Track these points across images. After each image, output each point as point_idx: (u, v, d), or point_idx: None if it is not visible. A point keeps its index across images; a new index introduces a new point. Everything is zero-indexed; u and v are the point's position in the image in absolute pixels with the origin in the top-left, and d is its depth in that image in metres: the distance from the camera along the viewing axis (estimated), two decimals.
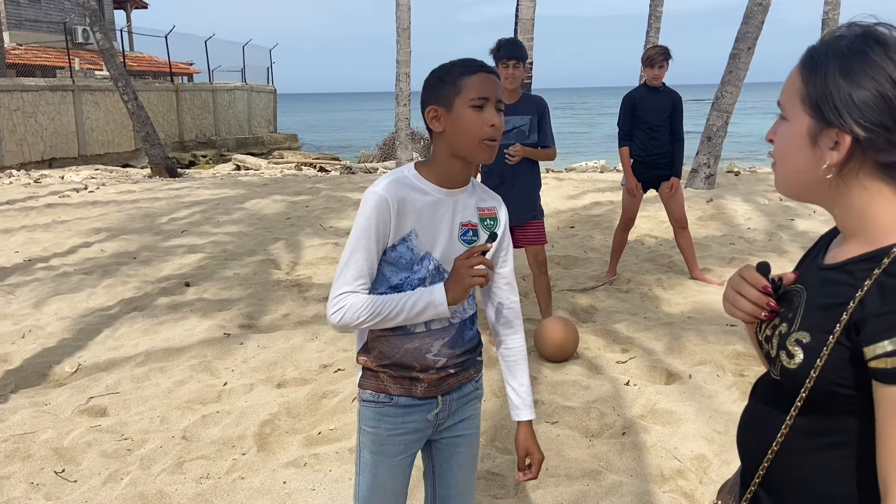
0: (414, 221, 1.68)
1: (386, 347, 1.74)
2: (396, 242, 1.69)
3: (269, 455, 3.29)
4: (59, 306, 5.61)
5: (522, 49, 4.22)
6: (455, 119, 1.65)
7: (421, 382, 1.75)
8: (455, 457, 1.89)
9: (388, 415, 1.78)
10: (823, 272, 1.09)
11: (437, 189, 1.70)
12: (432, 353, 1.74)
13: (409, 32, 14.27)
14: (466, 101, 1.64)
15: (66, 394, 3.98)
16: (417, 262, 1.71)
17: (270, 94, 31.92)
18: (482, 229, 1.76)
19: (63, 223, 9.10)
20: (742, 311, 1.15)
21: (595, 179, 12.59)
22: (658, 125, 5.58)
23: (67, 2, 27.38)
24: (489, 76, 1.67)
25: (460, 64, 1.69)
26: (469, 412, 1.88)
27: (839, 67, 1.01)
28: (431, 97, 1.69)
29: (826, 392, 1.02)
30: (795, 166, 1.08)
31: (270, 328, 5.02)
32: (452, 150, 1.68)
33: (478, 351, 1.87)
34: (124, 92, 15.15)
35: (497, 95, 1.67)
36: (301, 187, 12.40)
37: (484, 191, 1.82)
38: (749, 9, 10.39)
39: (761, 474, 1.13)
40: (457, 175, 1.72)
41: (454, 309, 1.73)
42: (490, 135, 1.65)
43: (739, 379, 3.93)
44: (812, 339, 1.04)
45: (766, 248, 6.99)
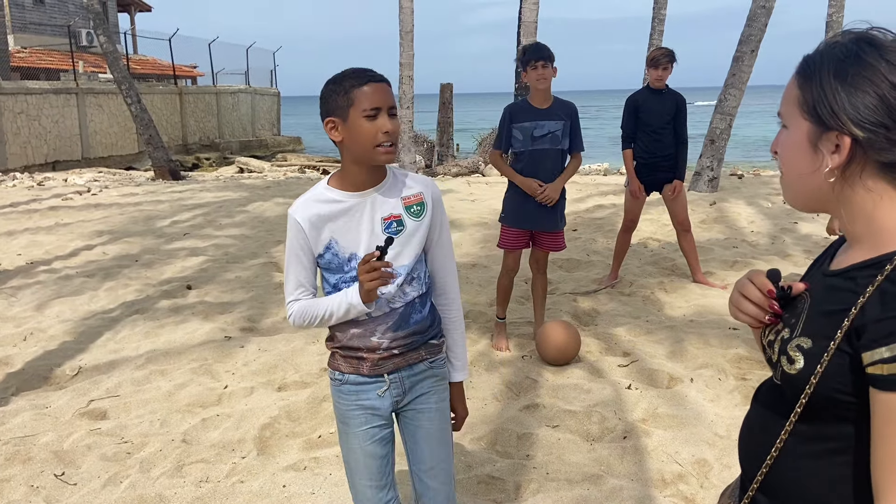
0: (331, 231, 1.86)
1: (338, 333, 1.95)
2: (322, 251, 1.88)
3: (269, 458, 3.28)
4: (61, 309, 5.61)
5: (549, 49, 4.21)
6: (351, 129, 1.78)
7: (366, 361, 1.93)
8: (418, 430, 2.02)
9: (343, 392, 1.97)
10: (828, 278, 1.09)
11: (348, 195, 1.86)
12: (376, 336, 1.91)
13: (412, 35, 14.28)
14: (360, 111, 1.75)
15: (66, 396, 3.98)
16: (345, 263, 1.87)
17: (274, 96, 31.98)
18: (408, 217, 1.88)
19: (66, 226, 9.11)
20: (746, 313, 1.16)
21: (598, 182, 12.58)
22: (661, 127, 5.56)
23: (72, 5, 27.48)
24: (380, 85, 1.78)
25: (351, 75, 1.79)
26: (426, 389, 2.00)
27: (834, 72, 1.02)
28: (328, 109, 1.81)
29: (826, 398, 1.02)
30: (799, 172, 1.09)
31: (271, 331, 5.02)
32: (353, 156, 1.82)
33: (430, 333, 1.99)
34: (128, 95, 15.18)
35: (389, 103, 1.78)
36: (304, 190, 12.34)
37: (409, 178, 1.93)
38: (752, 11, 10.37)
39: (759, 479, 1.13)
40: (364, 178, 1.85)
41: (392, 293, 1.88)
42: (384, 140, 1.77)
43: (741, 383, 3.92)
44: (813, 344, 1.04)
45: (770, 251, 6.97)
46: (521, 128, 4.22)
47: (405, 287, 1.90)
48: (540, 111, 4.21)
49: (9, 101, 17.84)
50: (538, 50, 4.19)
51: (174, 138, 23.62)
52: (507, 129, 4.27)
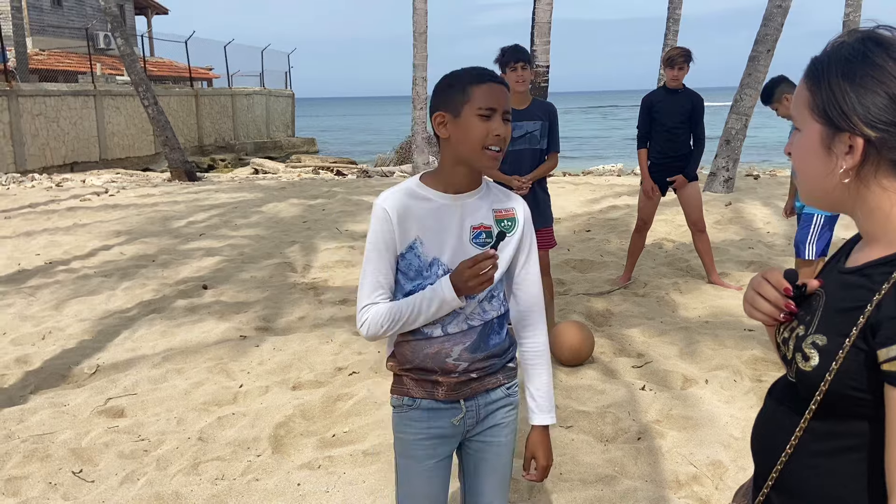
0: (418, 229, 1.72)
1: (408, 352, 1.78)
2: (404, 251, 1.74)
3: (284, 457, 3.30)
4: (79, 308, 5.68)
5: (527, 52, 4.33)
6: (461, 126, 1.68)
7: (441, 386, 1.76)
8: (482, 464, 1.87)
9: (413, 419, 1.80)
10: (843, 276, 1.09)
11: (440, 195, 1.74)
12: (452, 357, 1.75)
13: (426, 37, 14.31)
14: (474, 109, 1.66)
15: (84, 395, 4.03)
16: (426, 268, 1.74)
17: (288, 98, 32.14)
18: (498, 230, 1.75)
19: (84, 226, 9.21)
20: (760, 311, 1.16)
21: (612, 183, 12.54)
22: (675, 127, 5.54)
23: (89, 8, 27.77)
24: (499, 87, 1.69)
25: (471, 72, 1.71)
26: (499, 419, 1.85)
27: (842, 72, 1.02)
28: (440, 103, 1.72)
29: (841, 395, 1.02)
30: (814, 174, 1.09)
31: (286, 331, 5.05)
32: (456, 156, 1.71)
33: (507, 356, 1.84)
34: (145, 97, 15.33)
35: (505, 106, 1.69)
36: (318, 191, 12.46)
37: (501, 192, 1.83)
38: (769, 11, 10.31)
39: (774, 477, 1.13)
40: (462, 180, 1.74)
41: (472, 308, 1.75)
42: (494, 143, 1.67)
43: (757, 384, 3.89)
44: (828, 341, 1.04)
45: (786, 252, 6.92)
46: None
47: (484, 304, 1.77)
48: (518, 112, 4.27)
49: (28, 103, 18.04)
50: (516, 52, 4.24)
51: (190, 140, 23.79)
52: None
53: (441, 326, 1.75)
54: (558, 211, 9.20)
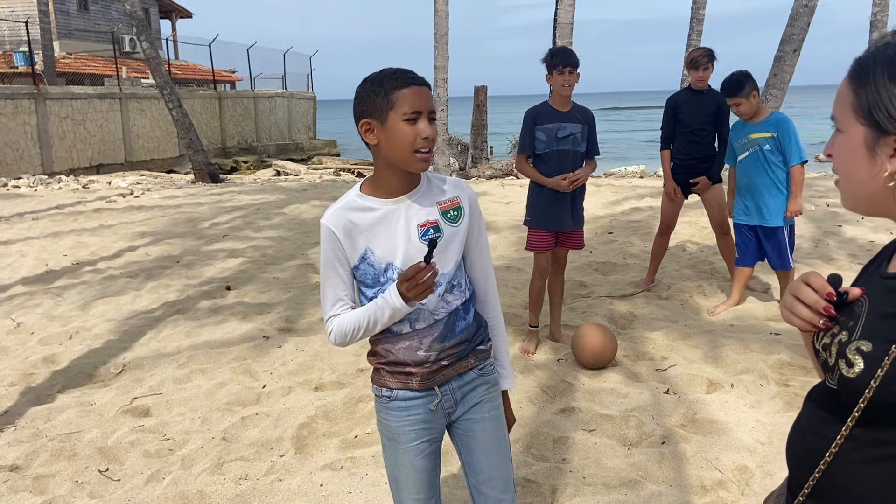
0: (366, 239, 1.78)
1: (381, 350, 1.88)
2: (357, 262, 1.81)
3: (307, 457, 3.32)
4: (105, 308, 5.75)
5: (576, 56, 4.31)
6: (389, 132, 1.70)
7: (415, 376, 1.85)
8: (473, 441, 1.94)
9: (392, 409, 1.89)
10: (887, 281, 1.07)
11: (382, 202, 1.78)
12: (423, 350, 1.83)
13: (447, 38, 14.32)
14: (400, 114, 1.68)
15: (110, 394, 4.08)
16: (381, 274, 1.80)
17: (310, 100, 32.33)
18: (445, 222, 1.81)
19: (109, 227, 9.34)
20: (799, 317, 1.12)
21: (635, 185, 12.45)
22: (700, 129, 5.48)
23: (115, 12, 28.15)
24: (422, 88, 1.70)
25: (391, 76, 1.71)
26: (478, 398, 1.93)
27: (889, 74, 1.00)
28: (364, 110, 1.72)
29: (885, 403, 1.00)
30: (857, 178, 1.07)
31: (308, 331, 5.07)
32: (388, 161, 1.75)
33: (476, 339, 1.92)
34: (169, 99, 15.50)
35: (429, 107, 1.71)
36: (339, 192, 12.51)
37: (445, 183, 1.86)
38: (795, 10, 10.18)
39: (811, 484, 1.11)
40: (398, 184, 1.78)
41: (433, 303, 1.81)
42: (423, 146, 1.70)
43: (783, 389, 3.84)
44: (874, 347, 1.02)
45: (812, 255, 6.82)
46: (544, 129, 4.30)
47: (447, 296, 1.83)
48: (562, 114, 4.31)
49: (55, 105, 18.34)
50: (568, 56, 4.25)
51: (213, 142, 24.03)
52: (530, 132, 4.35)
53: (409, 323, 1.83)
54: None
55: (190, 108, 19.96)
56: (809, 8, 10.08)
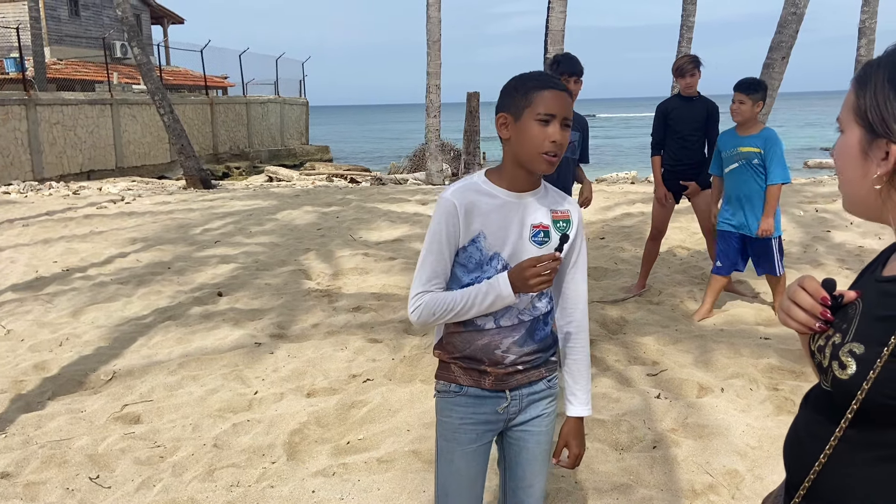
0: (481, 223, 1.79)
1: (458, 342, 1.86)
2: (466, 244, 1.80)
3: (299, 464, 3.31)
4: (96, 315, 5.73)
5: (581, 64, 4.31)
6: (520, 129, 1.74)
7: (489, 376, 1.85)
8: (523, 452, 1.95)
9: (459, 404, 1.88)
10: (881, 284, 1.08)
11: (505, 192, 1.80)
12: (501, 349, 1.83)
13: (440, 45, 14.36)
14: (534, 114, 1.72)
15: (101, 401, 4.06)
16: (486, 262, 1.81)
17: (302, 106, 32.33)
18: (554, 231, 1.83)
19: (100, 234, 9.30)
20: (796, 320, 1.14)
21: (626, 190, 12.50)
22: (690, 135, 5.52)
23: (106, 18, 28.11)
24: (561, 94, 1.74)
25: (536, 77, 1.77)
26: (540, 410, 1.93)
27: (888, 78, 1.02)
28: (503, 105, 1.78)
29: (878, 404, 1.01)
30: (850, 178, 1.09)
31: (300, 338, 5.07)
32: (515, 157, 1.78)
33: (551, 351, 1.93)
34: (160, 105, 15.47)
35: (564, 113, 1.73)
36: (332, 198, 12.52)
37: (558, 195, 1.90)
38: (783, 18, 10.26)
39: (807, 486, 1.12)
40: (523, 180, 1.81)
41: (524, 303, 1.82)
42: (550, 149, 1.72)
43: (773, 393, 3.86)
44: (866, 350, 1.02)
45: (802, 259, 6.86)
46: None
47: (535, 301, 1.85)
48: None
49: (45, 111, 18.28)
50: (573, 64, 4.26)
51: (205, 148, 23.99)
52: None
53: (494, 319, 1.82)
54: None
55: (181, 113, 19.92)
56: (797, 15, 10.17)
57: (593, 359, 4.46)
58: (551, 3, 11.91)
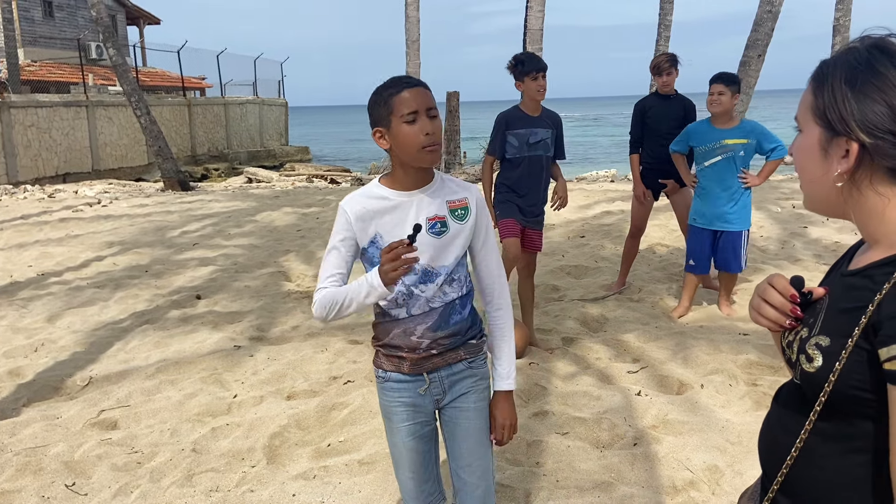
0: (377, 225, 1.91)
1: (380, 331, 2.01)
2: (366, 245, 1.93)
3: (279, 468, 3.28)
4: (72, 320, 5.64)
5: (543, 60, 4.38)
6: (395, 135, 1.84)
7: (405, 361, 1.98)
8: (457, 428, 2.06)
9: (387, 389, 2.04)
10: (845, 278, 1.10)
11: (396, 193, 1.91)
12: (416, 335, 1.95)
13: (419, 45, 14.35)
14: (399, 117, 1.81)
15: (77, 407, 4.00)
16: None
17: (282, 107, 32.14)
18: (452, 219, 1.93)
19: (76, 237, 9.18)
20: (766, 318, 1.16)
21: (606, 189, 12.56)
22: (668, 133, 5.55)
23: (81, 18, 27.74)
24: (415, 89, 1.83)
25: (389, 85, 1.86)
26: (465, 388, 2.04)
27: (845, 78, 1.03)
28: (373, 120, 1.89)
29: (845, 395, 1.03)
30: (811, 176, 1.10)
31: (280, 340, 5.03)
32: (401, 161, 1.89)
33: (469, 333, 2.02)
34: (137, 107, 15.30)
35: (426, 104, 1.82)
36: (312, 199, 12.45)
37: (455, 184, 1.99)
38: (759, 16, 10.36)
39: (780, 480, 1.13)
40: (412, 179, 1.91)
41: (432, 291, 1.92)
42: (426, 142, 1.82)
43: (752, 388, 3.89)
44: (831, 342, 1.04)
45: (779, 255, 6.93)
46: (516, 135, 4.33)
47: (445, 287, 1.94)
48: (534, 119, 4.36)
49: (19, 114, 18.00)
50: (537, 61, 4.31)
51: (183, 149, 23.75)
52: (502, 136, 4.37)
53: (406, 309, 1.94)
54: (552, 217, 9.20)
55: (159, 115, 19.71)
56: (773, 13, 10.27)
57: (574, 357, 4.48)
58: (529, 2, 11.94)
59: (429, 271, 1.92)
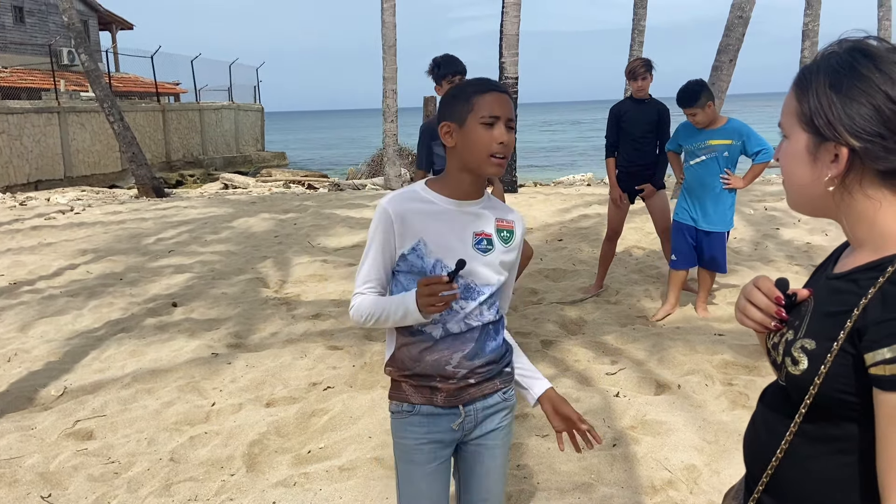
0: (421, 230, 1.77)
1: (407, 358, 1.83)
2: (406, 251, 1.79)
3: (258, 475, 3.26)
4: (45, 329, 5.56)
5: (462, 63, 4.22)
6: (466, 135, 1.74)
7: (440, 392, 1.81)
8: (478, 465, 1.92)
9: (413, 424, 1.85)
10: (831, 281, 1.11)
11: (445, 200, 1.80)
12: (452, 364, 1.80)
13: (395, 50, 14.35)
14: (478, 118, 1.72)
15: (52, 417, 3.94)
16: (430, 269, 1.78)
17: (258, 112, 31.96)
18: (498, 240, 1.83)
19: (49, 245, 9.04)
20: (751, 319, 1.17)
21: (583, 192, 12.65)
22: (643, 137, 5.61)
23: (53, 24, 27.37)
24: (501, 95, 1.74)
25: (475, 83, 1.78)
26: (496, 423, 1.90)
27: (829, 83, 1.04)
28: (446, 114, 1.78)
29: (830, 398, 1.03)
30: (800, 182, 1.11)
31: (259, 347, 5.00)
32: (462, 163, 1.77)
33: (503, 362, 1.90)
34: (110, 113, 15.12)
35: (508, 115, 1.74)
36: (289, 205, 12.38)
37: (504, 206, 1.92)
38: (730, 21, 10.52)
39: (765, 481, 1.14)
40: (467, 188, 1.80)
41: (472, 308, 1.80)
42: (498, 151, 1.73)
43: (728, 388, 3.94)
44: (817, 345, 1.05)
45: (753, 257, 7.03)
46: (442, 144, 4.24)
47: (483, 308, 1.82)
48: None
49: None
50: (454, 63, 4.15)
51: (157, 156, 23.52)
52: (427, 148, 4.22)
53: (441, 326, 1.79)
54: (530, 221, 9.25)
55: (132, 121, 19.50)
56: (743, 19, 10.43)
57: (553, 359, 4.50)
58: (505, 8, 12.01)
59: (471, 287, 1.80)
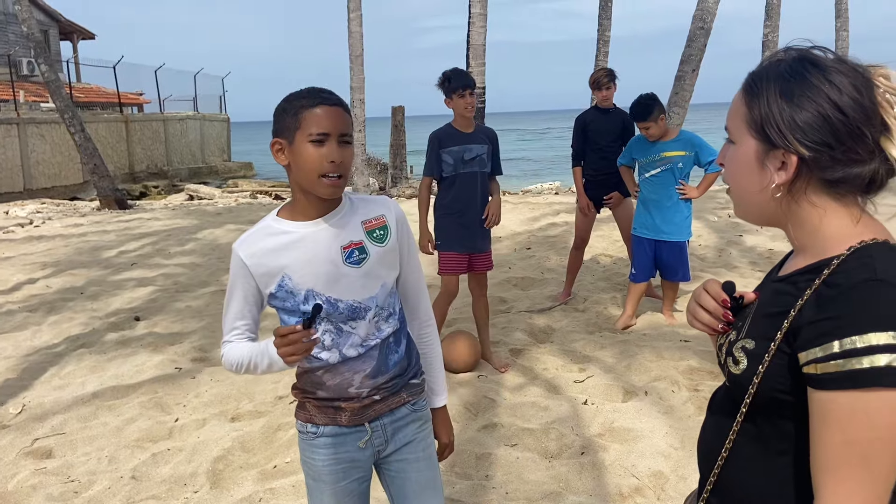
0: (281, 266, 1.67)
1: (310, 383, 1.77)
2: (273, 290, 1.69)
3: (223, 492, 3.20)
4: (3, 345, 5.40)
5: (471, 76, 4.38)
6: (296, 153, 1.61)
7: (345, 412, 1.76)
8: (407, 483, 1.85)
9: (318, 445, 1.78)
10: (773, 284, 1.13)
11: (299, 225, 1.68)
12: (354, 386, 1.74)
13: (362, 59, 14.32)
14: (305, 135, 1.58)
15: (9, 436, 3.83)
16: (302, 302, 1.68)
17: (224, 122, 31.61)
18: (371, 242, 1.71)
19: (7, 259, 8.81)
20: (700, 322, 1.19)
21: (551, 201, 12.73)
22: (608, 146, 5.67)
23: (12, 34, 26.79)
24: (333, 109, 1.60)
25: (304, 95, 1.62)
26: (411, 436, 1.84)
27: (780, 91, 1.05)
28: (276, 129, 1.65)
29: (769, 398, 1.05)
30: (747, 188, 1.11)
31: None
32: (298, 184, 1.66)
33: (410, 372, 1.83)
34: (71, 124, 14.83)
35: (340, 129, 1.60)
36: (256, 216, 12.25)
37: (367, 202, 1.77)
38: (692, 32, 10.69)
39: (713, 480, 1.15)
40: (316, 206, 1.68)
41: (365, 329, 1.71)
42: (330, 170, 1.59)
43: (694, 394, 3.98)
44: (756, 346, 1.07)
45: (717, 263, 7.13)
46: (450, 152, 4.29)
47: (380, 323, 1.73)
48: (467, 135, 4.32)
49: None
50: (465, 77, 4.27)
51: (120, 167, 23.11)
52: (436, 155, 4.32)
53: (337, 351, 1.71)
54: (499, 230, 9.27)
55: (94, 132, 19.15)
56: (705, 30, 10.62)
57: (522, 368, 4.50)
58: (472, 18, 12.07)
59: (356, 307, 1.69)
